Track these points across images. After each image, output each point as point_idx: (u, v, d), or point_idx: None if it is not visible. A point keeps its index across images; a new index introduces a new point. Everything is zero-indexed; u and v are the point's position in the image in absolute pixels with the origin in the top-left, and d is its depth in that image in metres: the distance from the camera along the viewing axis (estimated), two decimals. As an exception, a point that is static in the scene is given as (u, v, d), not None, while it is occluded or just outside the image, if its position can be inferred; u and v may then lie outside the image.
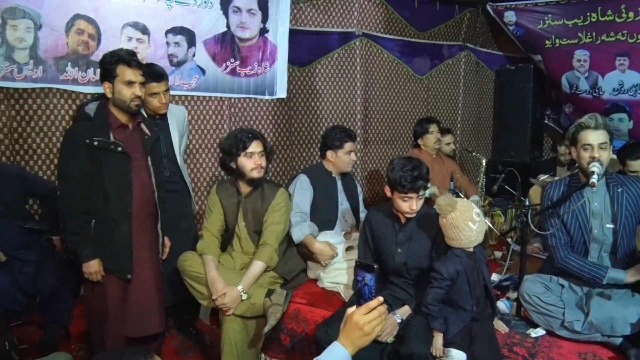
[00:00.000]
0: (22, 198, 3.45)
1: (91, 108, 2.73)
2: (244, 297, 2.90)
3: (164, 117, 3.30)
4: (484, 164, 4.59)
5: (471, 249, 2.42)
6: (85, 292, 2.90)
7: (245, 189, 3.11)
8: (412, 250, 2.70)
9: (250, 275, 2.96)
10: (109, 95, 2.70)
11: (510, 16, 5.82)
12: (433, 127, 4.50)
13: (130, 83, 2.67)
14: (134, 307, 2.82)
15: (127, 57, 2.67)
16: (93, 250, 2.72)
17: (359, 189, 3.78)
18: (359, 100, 5.31)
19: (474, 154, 4.86)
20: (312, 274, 3.33)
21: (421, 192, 2.62)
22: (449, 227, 2.37)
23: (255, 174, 3.02)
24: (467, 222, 2.33)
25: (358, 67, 5.27)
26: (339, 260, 3.20)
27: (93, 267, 2.73)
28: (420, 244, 2.68)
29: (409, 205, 2.62)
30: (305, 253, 3.31)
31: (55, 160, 3.91)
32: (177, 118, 3.40)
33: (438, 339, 2.39)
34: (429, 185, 2.64)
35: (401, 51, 5.65)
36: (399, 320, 2.56)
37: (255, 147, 3.02)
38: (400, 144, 5.79)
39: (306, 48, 4.94)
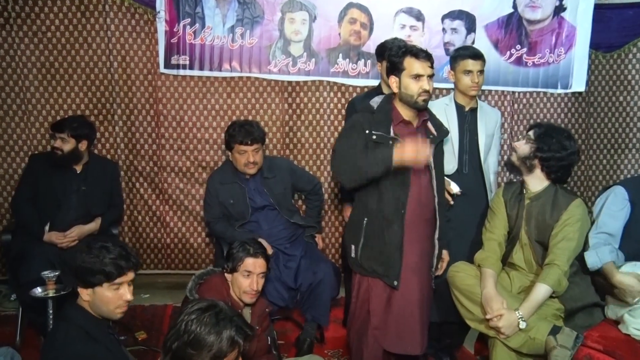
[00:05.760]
0: (290, 191, 3.78)
1: (375, 101, 2.91)
2: (523, 325, 2.76)
3: (474, 112, 3.41)
4: None
5: None
6: (347, 294, 3.10)
7: (532, 189, 3.02)
8: None
9: (533, 300, 2.81)
10: (395, 89, 2.82)
11: None
12: None
13: (417, 76, 2.74)
14: (396, 319, 2.88)
15: (415, 49, 2.77)
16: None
17: None
18: (687, 93, 4.66)
19: None
20: (612, 313, 2.99)
21: None
22: None
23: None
24: None
25: (693, 49, 4.62)
26: (654, 301, 2.83)
27: None
28: None
29: None
30: (603, 284, 3.00)
31: (322, 155, 4.28)
32: (487, 117, 3.46)
33: None
34: None
35: None
36: None
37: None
38: None
39: (616, 27, 4.48)
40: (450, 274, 3.07)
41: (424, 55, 2.75)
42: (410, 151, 2.68)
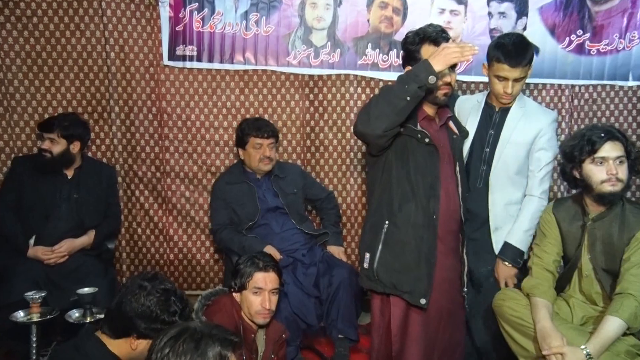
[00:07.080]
0: (301, 195, 3.83)
1: None
2: (592, 365, 2.56)
3: (505, 112, 3.13)
4: None
5: None
6: (372, 316, 2.96)
7: (594, 208, 2.81)
8: None
9: (603, 336, 2.60)
10: None
11: None
12: None
13: None
14: (422, 347, 2.80)
15: (432, 35, 2.71)
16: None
17: None
18: None
19: None
20: None
21: None
22: None
23: (608, 188, 2.71)
24: None
25: None
26: None
27: None
28: None
29: None
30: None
31: (347, 160, 4.13)
32: (527, 120, 3.10)
33: None
34: None
35: None
36: None
37: (609, 150, 2.72)
38: None
39: None
40: (496, 302, 2.94)
41: (444, 40, 2.69)
42: (453, 48, 2.51)
